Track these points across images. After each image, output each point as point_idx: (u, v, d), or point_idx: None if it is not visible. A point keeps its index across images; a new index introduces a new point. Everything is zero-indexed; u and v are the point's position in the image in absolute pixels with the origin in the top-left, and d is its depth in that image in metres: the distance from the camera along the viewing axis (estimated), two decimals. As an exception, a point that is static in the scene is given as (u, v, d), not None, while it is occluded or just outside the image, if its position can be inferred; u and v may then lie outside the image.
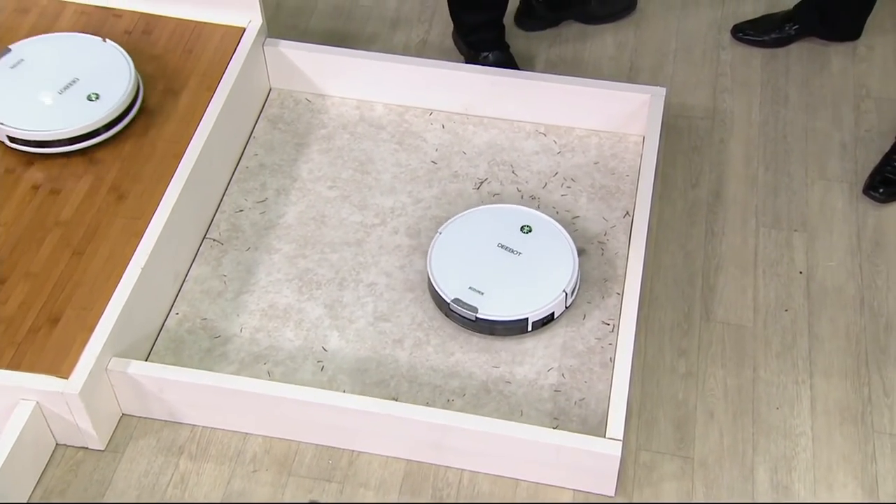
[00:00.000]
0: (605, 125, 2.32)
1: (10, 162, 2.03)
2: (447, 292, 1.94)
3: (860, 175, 2.27)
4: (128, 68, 2.13)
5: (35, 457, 1.76)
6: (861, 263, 2.11)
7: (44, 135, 2.00)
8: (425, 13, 2.64)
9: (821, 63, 2.52)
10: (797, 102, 2.43)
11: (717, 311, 2.03)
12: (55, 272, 1.86)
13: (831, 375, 1.94)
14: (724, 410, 1.89)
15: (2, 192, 1.98)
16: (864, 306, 2.04)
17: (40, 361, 1.74)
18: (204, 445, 1.83)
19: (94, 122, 2.02)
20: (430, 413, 1.73)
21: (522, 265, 2.01)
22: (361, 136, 2.31)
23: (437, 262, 1.99)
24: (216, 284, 2.04)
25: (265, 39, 2.33)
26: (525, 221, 2.07)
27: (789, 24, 2.54)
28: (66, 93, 2.08)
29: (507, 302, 1.94)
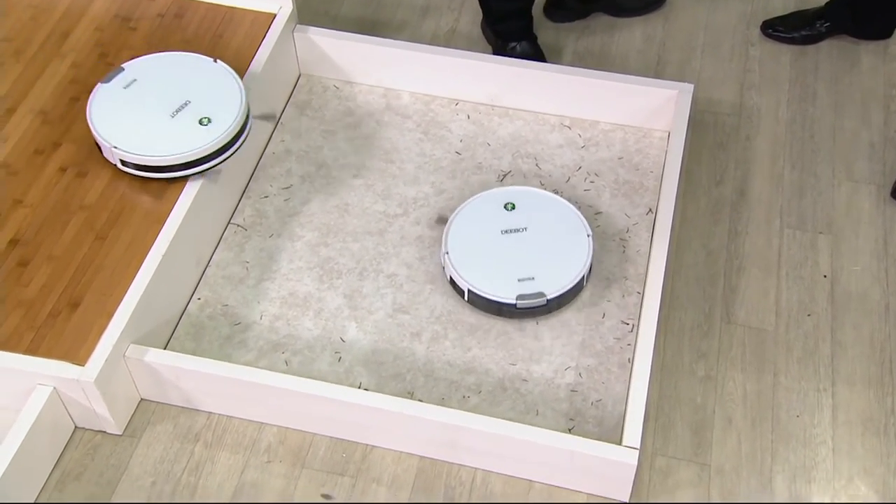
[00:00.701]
0: (630, 120, 2.14)
1: (39, 142, 1.89)
2: (503, 296, 1.78)
3: (888, 177, 2.08)
4: (238, 90, 1.91)
5: (52, 440, 1.64)
6: (887, 269, 1.93)
7: (156, 160, 1.79)
8: (455, 1, 2.46)
9: (851, 61, 2.32)
10: (826, 101, 2.24)
11: (738, 314, 1.86)
12: (77, 256, 1.72)
13: (854, 384, 1.77)
14: (743, 416, 1.72)
15: (30, 173, 1.84)
16: (888, 313, 1.86)
17: (58, 347, 1.61)
18: (220, 433, 1.69)
19: (207, 147, 1.81)
20: (443, 413, 1.58)
21: (535, 238, 1.87)
22: (387, 125, 2.15)
23: (469, 275, 1.81)
24: (238, 270, 1.90)
25: (295, 26, 2.16)
26: (507, 199, 1.93)
27: (820, 22, 2.34)
28: (178, 116, 1.86)
29: (557, 274, 1.81)
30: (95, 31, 2.10)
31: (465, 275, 1.81)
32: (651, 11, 2.42)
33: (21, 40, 2.08)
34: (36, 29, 2.10)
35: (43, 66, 2.03)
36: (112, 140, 1.79)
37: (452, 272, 1.82)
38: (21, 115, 1.94)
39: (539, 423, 1.69)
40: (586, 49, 2.35)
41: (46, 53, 2.05)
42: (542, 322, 1.82)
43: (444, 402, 1.71)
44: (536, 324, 1.82)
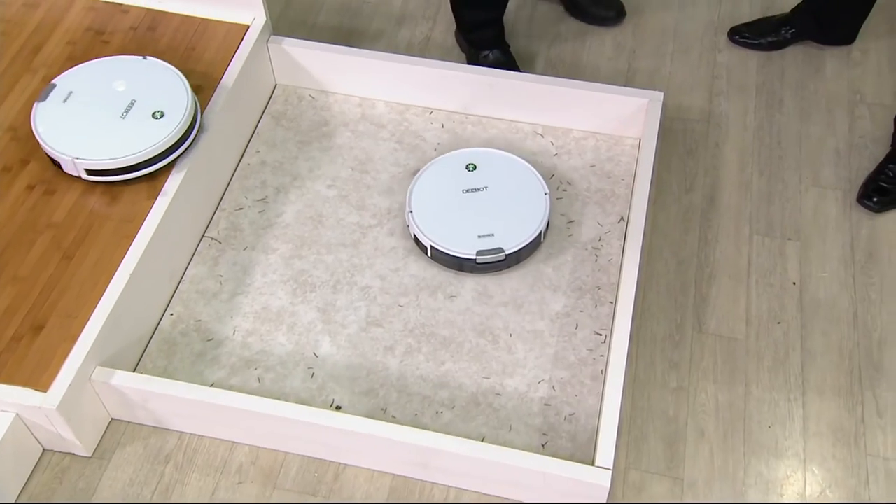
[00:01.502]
0: (602, 127, 1.97)
1: (7, 160, 1.71)
2: (464, 252, 1.70)
3: (854, 182, 1.92)
4: (178, 79, 1.76)
5: (18, 464, 1.47)
6: (854, 275, 1.77)
7: (125, 160, 1.62)
8: (430, 10, 2.28)
9: (815, 67, 2.15)
10: (792, 107, 2.07)
11: (709, 323, 1.70)
12: (43, 277, 1.54)
13: (824, 393, 1.61)
14: (715, 428, 1.57)
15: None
16: (857, 320, 1.71)
17: (20, 372, 1.43)
18: (191, 454, 1.53)
19: (170, 136, 1.65)
20: (414, 434, 1.42)
21: (495, 197, 1.80)
22: (362, 134, 1.97)
23: (432, 232, 1.72)
24: (212, 285, 1.72)
25: (269, 37, 1.98)
26: (469, 160, 1.86)
27: (785, 28, 2.17)
28: (128, 116, 1.69)
29: (515, 230, 1.73)
30: (68, 44, 1.90)
31: (428, 232, 1.73)
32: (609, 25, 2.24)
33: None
34: (8, 43, 1.91)
35: (14, 81, 1.84)
36: (73, 152, 1.61)
37: (416, 230, 1.75)
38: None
39: (512, 438, 1.53)
40: (558, 57, 2.17)
41: (17, 68, 1.86)
42: (515, 335, 1.66)
43: (418, 418, 1.55)
44: (510, 336, 1.65)
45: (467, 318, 1.68)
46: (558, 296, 1.71)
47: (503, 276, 1.73)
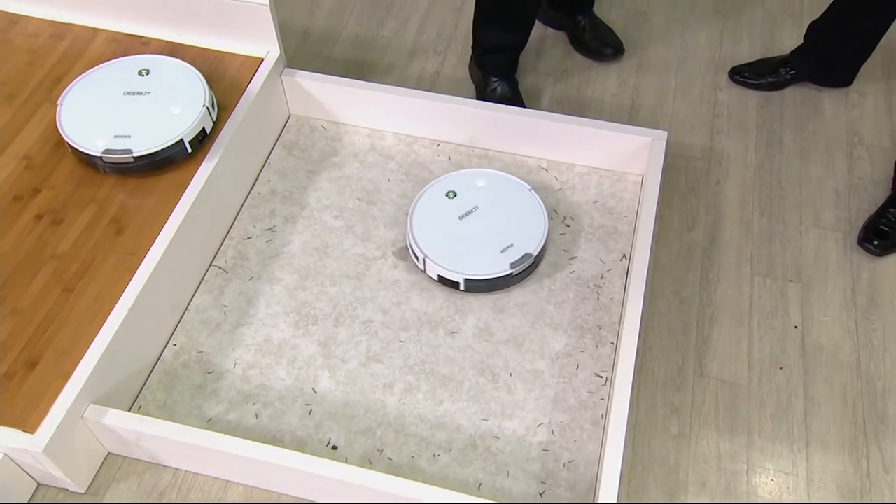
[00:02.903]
0: (605, 164, 1.71)
1: (20, 189, 1.47)
2: (499, 271, 1.48)
3: (854, 224, 1.64)
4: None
5: (10, 498, 1.24)
6: (857, 320, 1.50)
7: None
8: (441, 45, 2.02)
9: (814, 108, 1.88)
10: (791, 147, 1.80)
11: (711, 366, 1.44)
12: (42, 310, 1.30)
13: (828, 444, 1.35)
14: (717, 481, 1.31)
15: (6, 221, 1.42)
16: (860, 368, 1.44)
17: (9, 412, 1.19)
18: (185, 492, 1.29)
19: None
20: (402, 486, 1.16)
21: (490, 211, 1.57)
22: (371, 165, 1.72)
23: (458, 267, 1.48)
24: (216, 315, 1.48)
25: (283, 69, 1.73)
26: (446, 189, 1.60)
27: (785, 69, 1.90)
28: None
29: (528, 233, 1.54)
30: (87, 74, 1.67)
31: (456, 268, 1.48)
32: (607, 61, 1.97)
33: (15, 85, 1.64)
34: (31, 74, 1.66)
35: (33, 110, 1.59)
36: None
37: (442, 271, 1.48)
38: (5, 160, 1.51)
39: (510, 486, 1.28)
40: (563, 93, 1.91)
41: (38, 98, 1.61)
42: (515, 374, 1.40)
43: (414, 461, 1.30)
44: (510, 375, 1.40)
45: (467, 355, 1.42)
46: (559, 334, 1.45)
47: (504, 313, 1.48)
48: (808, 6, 2.09)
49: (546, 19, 2.04)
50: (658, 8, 2.11)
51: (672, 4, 2.12)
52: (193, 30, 1.70)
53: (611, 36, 1.97)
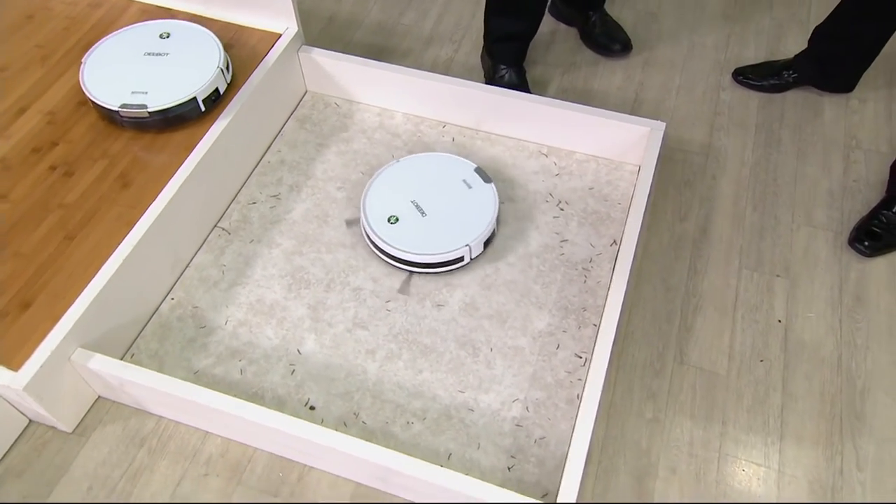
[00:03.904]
0: (604, 152, 1.56)
1: (39, 142, 1.37)
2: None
3: (846, 224, 1.47)
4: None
5: (3, 431, 1.14)
6: (841, 318, 1.33)
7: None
8: (457, 34, 1.88)
9: (815, 111, 1.70)
10: (789, 147, 1.62)
11: (691, 354, 1.29)
12: (42, 255, 1.20)
13: (803, 439, 1.19)
14: (687, 467, 1.16)
15: (22, 170, 1.32)
16: (841, 365, 1.27)
17: (-2, 349, 1.10)
18: (165, 440, 1.18)
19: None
20: (371, 451, 1.04)
21: (440, 196, 1.40)
22: (377, 142, 1.59)
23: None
24: (214, 273, 1.37)
25: (300, 46, 1.60)
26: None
27: (788, 72, 1.72)
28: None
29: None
30: (115, 39, 1.56)
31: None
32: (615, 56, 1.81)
33: (50, 48, 1.54)
34: (66, 38, 1.56)
35: (63, 71, 1.49)
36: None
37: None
38: (30, 115, 1.41)
39: (479, 458, 1.14)
40: (570, 84, 1.76)
41: (69, 60, 1.51)
42: (495, 349, 1.27)
43: (388, 427, 1.17)
44: (491, 350, 1.26)
45: (451, 328, 1.29)
46: (543, 314, 1.31)
47: (491, 290, 1.34)
48: (815, 15, 1.90)
49: (559, 15, 1.89)
50: (668, 10, 1.94)
51: (682, 8, 1.94)
52: (218, 4, 1.58)
53: (620, 33, 1.81)
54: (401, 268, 1.34)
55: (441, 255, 1.31)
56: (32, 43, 1.56)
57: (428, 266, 1.32)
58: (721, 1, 1.96)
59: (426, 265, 1.32)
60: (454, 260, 1.32)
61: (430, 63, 1.80)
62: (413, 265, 1.32)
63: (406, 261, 1.32)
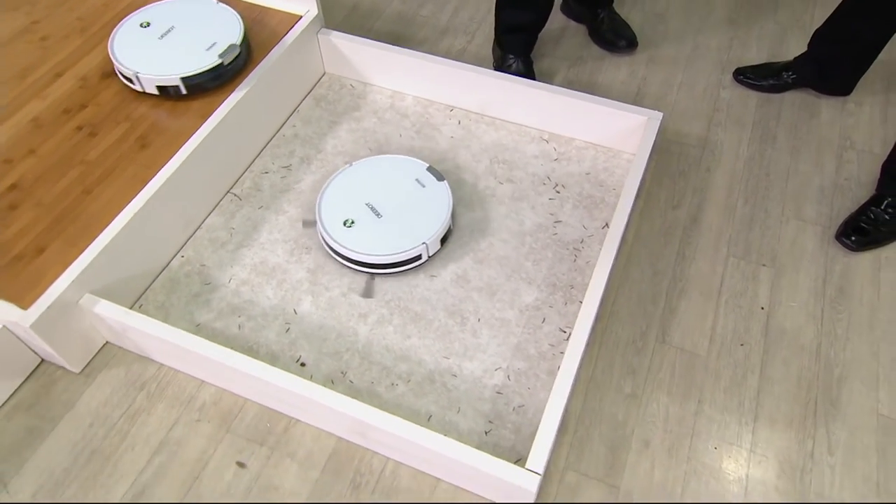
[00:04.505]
0: (603, 140, 1.49)
1: (70, 103, 1.35)
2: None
3: (834, 220, 1.39)
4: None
5: (10, 369, 1.12)
6: (823, 308, 1.25)
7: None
8: (471, 26, 1.82)
9: (811, 112, 1.61)
10: (784, 144, 1.54)
11: (673, 335, 1.22)
12: (61, 206, 1.18)
13: (776, 421, 1.12)
14: (661, 441, 1.09)
15: (52, 128, 1.30)
16: (819, 353, 1.20)
17: (10, 288, 1.07)
18: (164, 385, 1.15)
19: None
20: (353, 406, 1.00)
21: (395, 199, 1.27)
22: (387, 122, 1.54)
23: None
24: (223, 235, 1.34)
25: (320, 28, 1.57)
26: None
27: (787, 73, 1.63)
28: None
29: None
30: (147, 14, 1.54)
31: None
32: (620, 52, 1.74)
33: (90, 20, 1.52)
34: (105, 12, 1.54)
35: (98, 41, 1.47)
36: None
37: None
38: (65, 79, 1.39)
39: (458, 421, 1.09)
40: (576, 77, 1.69)
41: (105, 32, 1.49)
42: (483, 320, 1.21)
43: (373, 387, 1.13)
44: (478, 321, 1.21)
45: (442, 297, 1.24)
46: (532, 289, 1.25)
47: (484, 264, 1.29)
48: (818, 20, 1.80)
49: (569, 12, 1.82)
50: (676, 13, 1.86)
51: (689, 11, 1.86)
52: (245, -15, 1.55)
53: (626, 30, 1.74)
54: (361, 270, 1.25)
55: (398, 255, 1.21)
56: (75, 16, 1.54)
57: (386, 266, 1.22)
58: (727, 5, 1.87)
59: (384, 266, 1.22)
60: (412, 259, 1.23)
61: (444, 52, 1.74)
62: (371, 267, 1.22)
63: (364, 263, 1.21)
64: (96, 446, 1.07)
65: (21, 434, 1.09)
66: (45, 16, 1.53)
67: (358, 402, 0.99)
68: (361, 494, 1.03)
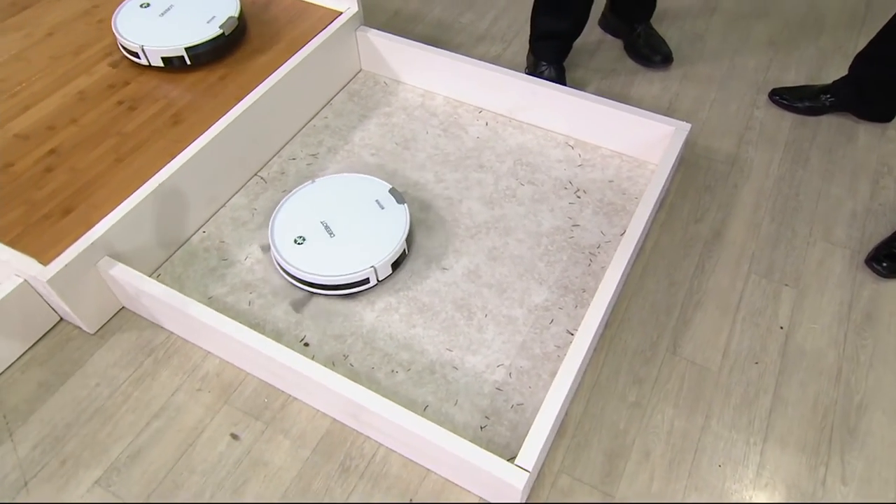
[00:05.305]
0: (629, 149, 1.44)
1: (115, 80, 1.38)
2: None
3: (865, 245, 1.30)
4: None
5: (26, 324, 1.11)
6: (847, 333, 1.16)
7: None
8: (508, 35, 1.80)
9: (848, 136, 1.52)
10: (817, 167, 1.46)
11: (685, 347, 1.15)
12: (92, 172, 1.19)
13: (787, 445, 1.03)
14: (663, 453, 1.02)
15: (96, 101, 1.32)
16: (840, 378, 1.11)
17: (35, 245, 1.08)
18: (171, 353, 1.13)
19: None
20: (347, 386, 0.96)
21: (346, 217, 1.22)
22: (416, 119, 1.52)
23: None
24: (245, 214, 1.33)
25: (359, 26, 1.56)
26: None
27: (825, 96, 1.55)
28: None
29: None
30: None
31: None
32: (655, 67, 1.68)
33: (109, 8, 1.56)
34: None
35: (147, 23, 1.51)
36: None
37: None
38: (115, 58, 1.42)
39: (454, 413, 1.05)
40: (608, 88, 1.64)
41: (155, 15, 1.53)
42: (490, 316, 1.17)
43: (373, 372, 1.09)
44: (485, 316, 1.17)
45: (451, 290, 1.20)
46: (542, 289, 1.20)
47: (497, 262, 1.24)
48: (861, 47, 1.71)
49: (607, 26, 1.78)
50: (715, 32, 1.80)
51: (729, 31, 1.80)
52: (291, -19, 1.56)
53: (662, 45, 1.68)
54: (304, 289, 1.17)
55: (344, 277, 1.12)
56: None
57: (330, 287, 1.13)
58: (769, 28, 1.80)
59: (328, 286, 1.13)
60: (359, 282, 1.14)
61: (478, 58, 1.72)
62: (315, 286, 1.14)
63: (308, 282, 1.13)
64: (100, 405, 1.06)
65: (32, 387, 1.09)
66: (106, 0, 1.57)
67: (353, 382, 0.96)
68: (350, 477, 0.99)
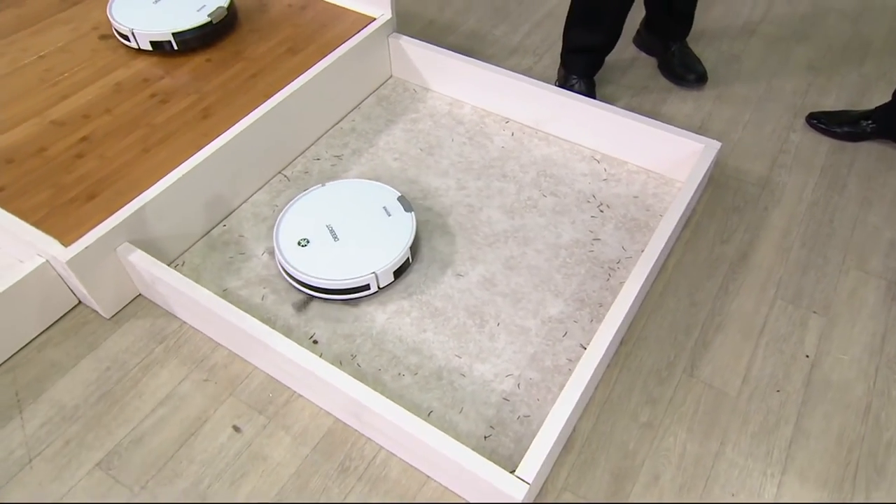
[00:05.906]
0: (656, 166, 1.39)
1: (150, 74, 1.39)
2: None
3: (904, 277, 1.22)
4: None
5: (43, 305, 1.12)
6: (879, 367, 1.09)
7: None
8: (541, 48, 1.77)
9: (889, 164, 1.44)
10: (854, 194, 1.38)
11: (702, 369, 1.09)
12: (120, 160, 1.20)
13: (807, 479, 0.96)
14: (673, 478, 0.96)
15: (130, 94, 1.33)
16: (868, 413, 1.03)
17: (58, 227, 1.09)
18: (182, 342, 1.12)
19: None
20: (351, 385, 0.93)
21: (347, 221, 1.19)
22: (442, 126, 1.50)
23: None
24: (265, 210, 1.32)
25: (391, 32, 1.56)
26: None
27: (866, 122, 1.48)
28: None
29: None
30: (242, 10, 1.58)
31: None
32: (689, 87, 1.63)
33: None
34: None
35: (187, 22, 1.53)
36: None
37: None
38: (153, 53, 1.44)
39: (458, 421, 1.00)
40: (638, 105, 1.60)
41: (195, 14, 1.55)
42: (502, 325, 1.13)
43: (380, 373, 1.06)
44: (498, 325, 1.13)
45: (464, 297, 1.16)
46: (558, 301, 1.16)
47: (513, 271, 1.20)
48: (909, 74, 1.64)
49: (641, 44, 1.74)
50: (753, 54, 1.74)
51: (768, 53, 1.74)
52: (328, -13, 1.57)
53: (697, 64, 1.63)
54: (304, 291, 1.14)
55: (344, 282, 1.09)
56: None
57: (329, 292, 1.10)
58: (810, 52, 1.74)
59: (327, 290, 1.10)
60: (359, 287, 1.11)
61: (509, 70, 1.70)
62: (314, 290, 1.11)
63: (308, 285, 1.11)
64: (108, 389, 1.05)
65: (46, 366, 1.09)
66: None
67: (357, 381, 0.93)
68: (348, 478, 0.95)
